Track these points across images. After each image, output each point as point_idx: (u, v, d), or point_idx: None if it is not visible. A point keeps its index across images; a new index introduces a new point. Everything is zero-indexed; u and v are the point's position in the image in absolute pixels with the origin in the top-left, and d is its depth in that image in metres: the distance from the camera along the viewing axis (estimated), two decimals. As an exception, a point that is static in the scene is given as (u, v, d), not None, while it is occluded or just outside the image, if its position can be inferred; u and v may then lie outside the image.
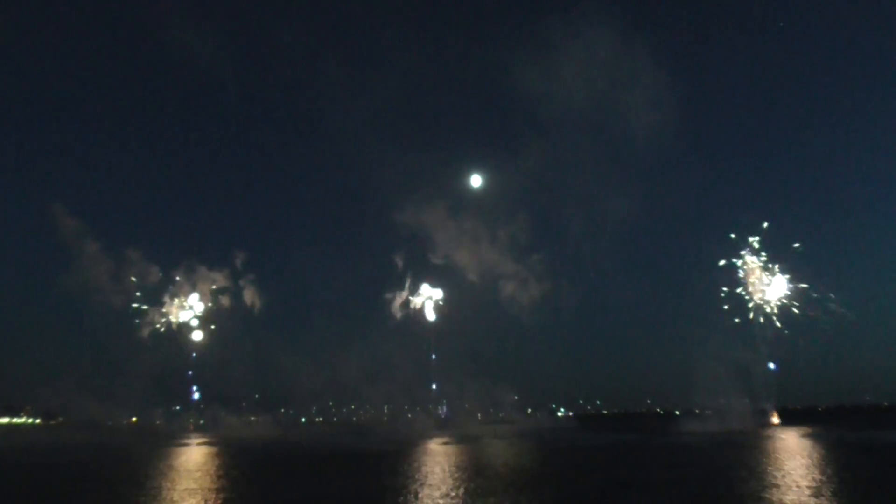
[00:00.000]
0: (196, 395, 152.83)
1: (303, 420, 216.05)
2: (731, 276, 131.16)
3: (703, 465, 51.96)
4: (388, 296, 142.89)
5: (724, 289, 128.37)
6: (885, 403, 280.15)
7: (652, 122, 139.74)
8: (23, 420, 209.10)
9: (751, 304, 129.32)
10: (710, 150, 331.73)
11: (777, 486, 34.66)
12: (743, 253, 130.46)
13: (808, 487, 34.11)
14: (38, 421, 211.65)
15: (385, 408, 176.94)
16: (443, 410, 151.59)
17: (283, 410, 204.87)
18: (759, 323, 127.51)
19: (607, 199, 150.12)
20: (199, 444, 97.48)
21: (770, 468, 44.18)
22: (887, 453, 58.11)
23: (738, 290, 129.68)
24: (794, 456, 53.83)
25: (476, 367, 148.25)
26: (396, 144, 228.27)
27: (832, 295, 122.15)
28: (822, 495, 31.54)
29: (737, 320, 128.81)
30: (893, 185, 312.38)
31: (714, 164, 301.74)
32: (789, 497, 31.00)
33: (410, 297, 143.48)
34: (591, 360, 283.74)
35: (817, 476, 39.05)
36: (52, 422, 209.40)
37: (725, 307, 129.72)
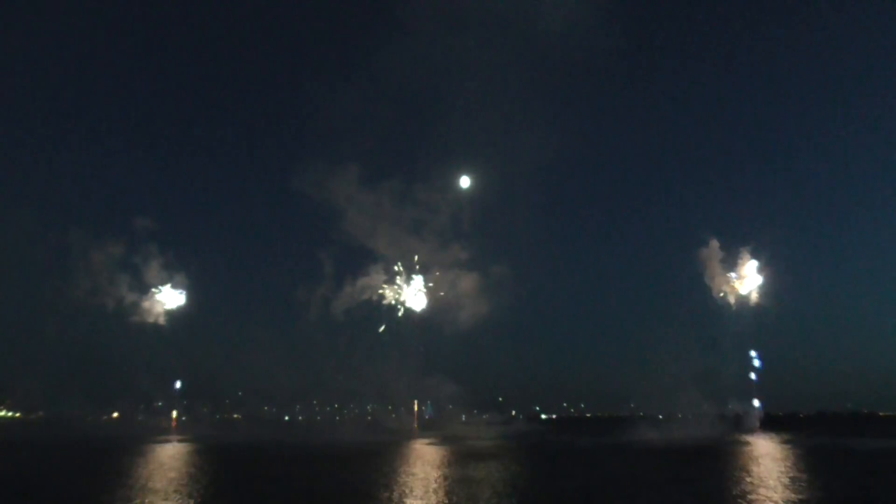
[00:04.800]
0: (178, 387, 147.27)
1: (286, 418, 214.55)
2: (697, 272, 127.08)
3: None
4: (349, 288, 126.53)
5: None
6: (865, 410, 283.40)
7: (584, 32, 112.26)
8: (2, 414, 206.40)
9: (721, 300, 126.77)
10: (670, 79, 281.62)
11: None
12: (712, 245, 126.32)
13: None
14: (17, 415, 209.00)
15: (368, 407, 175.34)
16: (427, 411, 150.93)
17: (266, 408, 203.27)
18: (730, 320, 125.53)
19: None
20: (178, 441, 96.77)
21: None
22: (866, 461, 58.72)
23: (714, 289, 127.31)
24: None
25: (454, 368, 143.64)
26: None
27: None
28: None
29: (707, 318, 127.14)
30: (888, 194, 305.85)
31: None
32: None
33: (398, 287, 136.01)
34: (577, 364, 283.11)
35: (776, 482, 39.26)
36: (33, 416, 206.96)
37: (697, 306, 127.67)
